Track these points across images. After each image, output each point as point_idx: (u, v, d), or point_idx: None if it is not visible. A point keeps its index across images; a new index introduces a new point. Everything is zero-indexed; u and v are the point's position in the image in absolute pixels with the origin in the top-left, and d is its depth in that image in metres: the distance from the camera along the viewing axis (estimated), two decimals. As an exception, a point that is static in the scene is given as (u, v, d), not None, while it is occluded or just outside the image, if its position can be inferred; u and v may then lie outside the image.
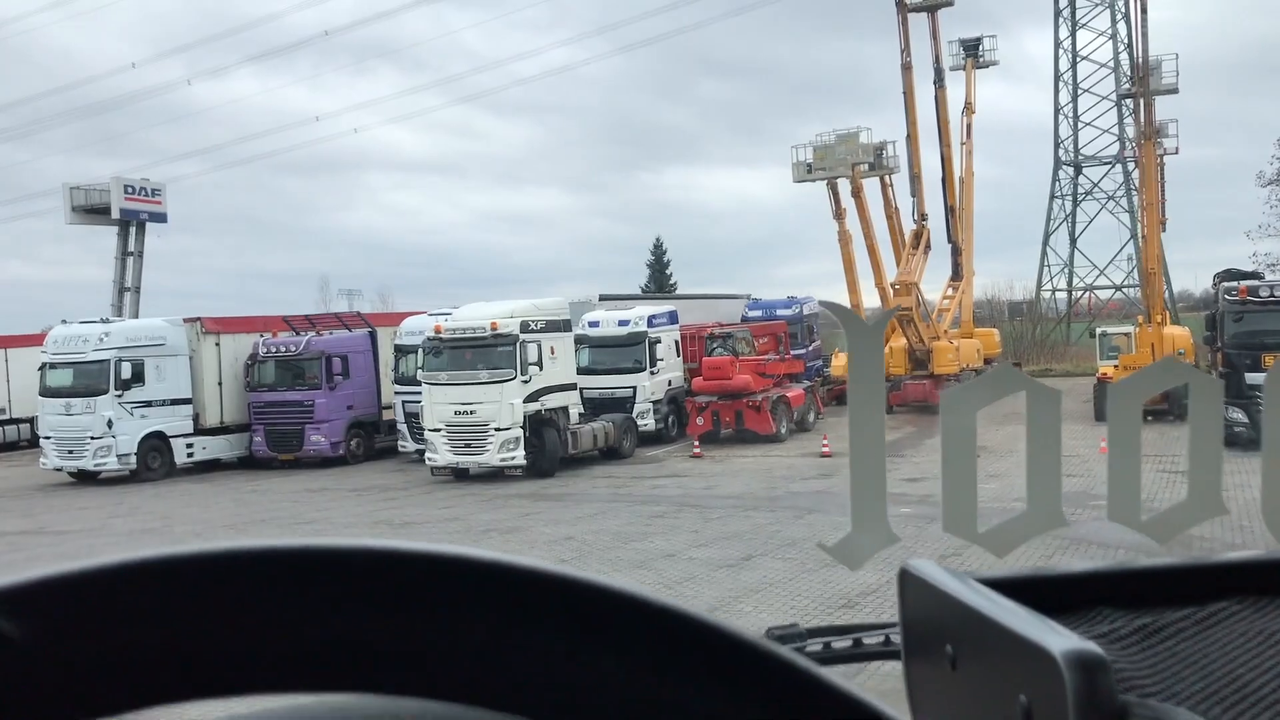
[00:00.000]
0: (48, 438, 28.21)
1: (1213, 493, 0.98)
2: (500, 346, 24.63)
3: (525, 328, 24.88)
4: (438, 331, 25.32)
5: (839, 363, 38.07)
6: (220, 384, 30.17)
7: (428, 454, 25.36)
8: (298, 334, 30.89)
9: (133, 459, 27.75)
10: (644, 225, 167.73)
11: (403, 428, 28.95)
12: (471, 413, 24.52)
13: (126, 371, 27.79)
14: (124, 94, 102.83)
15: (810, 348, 38.90)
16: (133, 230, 43.77)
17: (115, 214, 42.99)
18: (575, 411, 26.40)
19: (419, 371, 26.07)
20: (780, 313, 38.56)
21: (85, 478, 27.92)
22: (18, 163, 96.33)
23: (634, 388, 29.44)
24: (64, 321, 29.24)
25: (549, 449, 24.86)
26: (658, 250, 65.12)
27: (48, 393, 28.29)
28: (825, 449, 25.86)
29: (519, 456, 24.43)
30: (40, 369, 28.85)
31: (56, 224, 44.63)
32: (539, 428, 24.82)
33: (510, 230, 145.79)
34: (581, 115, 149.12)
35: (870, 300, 38.86)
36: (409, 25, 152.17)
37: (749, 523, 17.62)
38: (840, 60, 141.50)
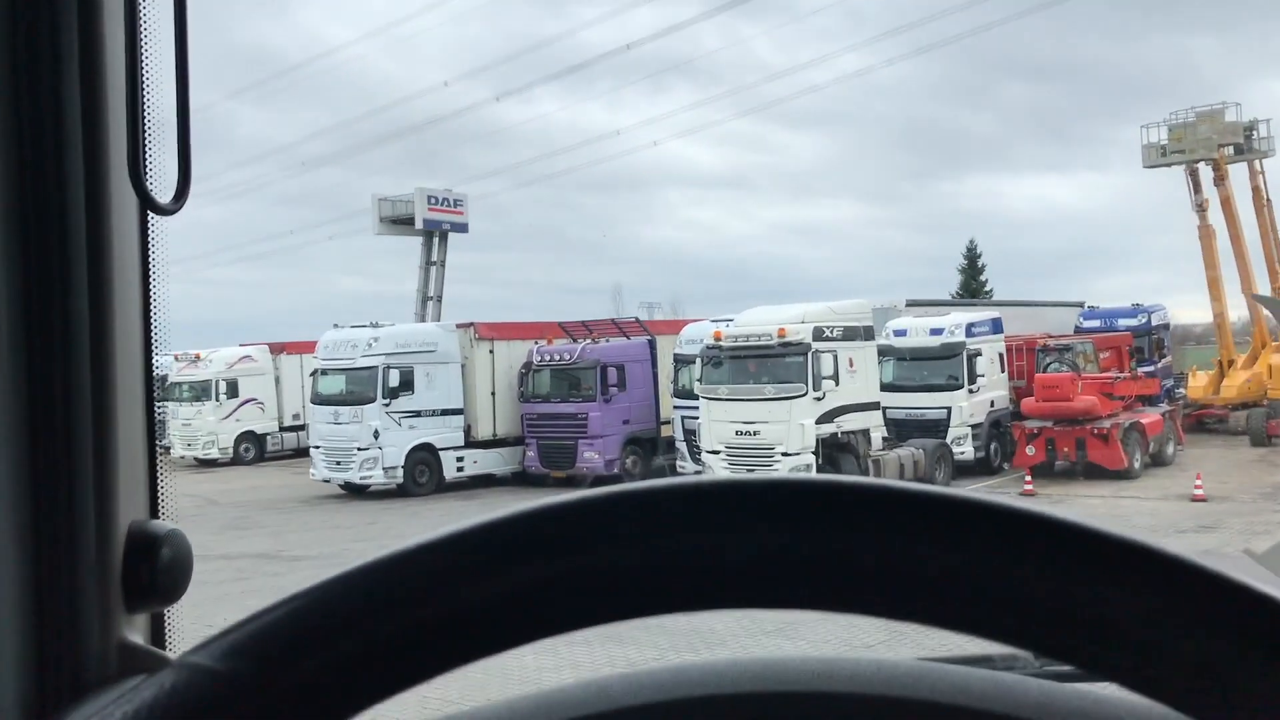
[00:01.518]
0: (317, 447, 27.15)
1: None
2: (789, 357, 21.23)
3: (819, 335, 21.39)
4: (717, 339, 22.19)
5: (1197, 383, 32.27)
6: (493, 394, 28.30)
7: (705, 479, 22.19)
8: (574, 341, 28.53)
9: (399, 472, 26.20)
10: (945, 235, 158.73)
11: (682, 446, 26.06)
12: (755, 433, 21.27)
13: (394, 379, 26.29)
14: (436, 115, 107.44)
15: (1160, 364, 33.02)
16: (435, 240, 43.82)
17: (419, 224, 43.19)
18: (878, 435, 22.71)
19: (696, 384, 23.00)
20: (1123, 323, 33.02)
21: (353, 490, 26.66)
22: (343, 182, 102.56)
23: (949, 409, 25.11)
24: (335, 325, 28.16)
25: (846, 479, 21.07)
26: (971, 254, 58.94)
27: (318, 400, 27.26)
28: (1198, 491, 20.56)
29: (810, 487, 20.76)
30: (312, 375, 27.94)
31: (373, 238, 45.48)
32: (834, 454, 21.38)
33: (803, 243, 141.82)
34: (875, 124, 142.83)
35: (1238, 309, 33.08)
36: (701, 38, 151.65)
37: (1121, 598, 13.04)
38: (1162, 57, 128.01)
